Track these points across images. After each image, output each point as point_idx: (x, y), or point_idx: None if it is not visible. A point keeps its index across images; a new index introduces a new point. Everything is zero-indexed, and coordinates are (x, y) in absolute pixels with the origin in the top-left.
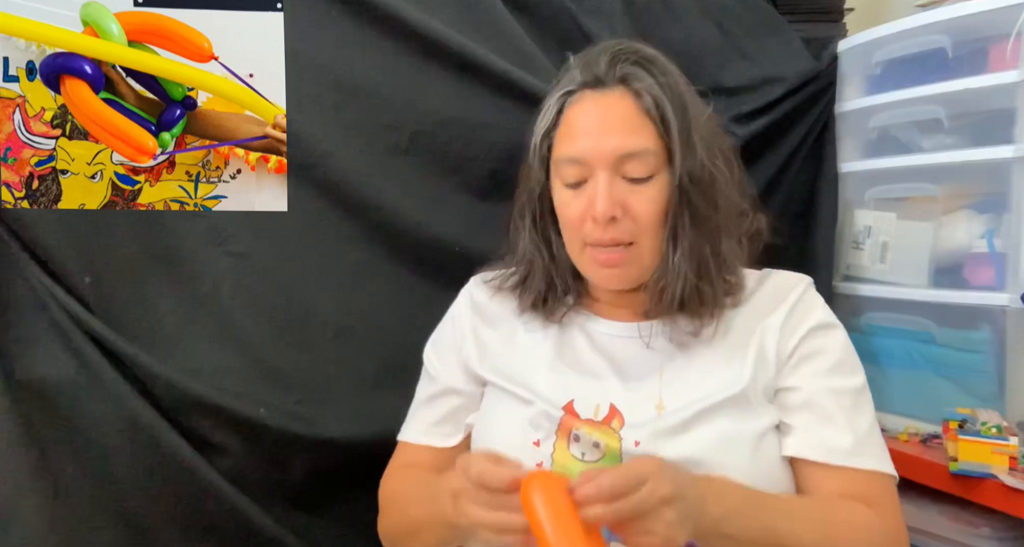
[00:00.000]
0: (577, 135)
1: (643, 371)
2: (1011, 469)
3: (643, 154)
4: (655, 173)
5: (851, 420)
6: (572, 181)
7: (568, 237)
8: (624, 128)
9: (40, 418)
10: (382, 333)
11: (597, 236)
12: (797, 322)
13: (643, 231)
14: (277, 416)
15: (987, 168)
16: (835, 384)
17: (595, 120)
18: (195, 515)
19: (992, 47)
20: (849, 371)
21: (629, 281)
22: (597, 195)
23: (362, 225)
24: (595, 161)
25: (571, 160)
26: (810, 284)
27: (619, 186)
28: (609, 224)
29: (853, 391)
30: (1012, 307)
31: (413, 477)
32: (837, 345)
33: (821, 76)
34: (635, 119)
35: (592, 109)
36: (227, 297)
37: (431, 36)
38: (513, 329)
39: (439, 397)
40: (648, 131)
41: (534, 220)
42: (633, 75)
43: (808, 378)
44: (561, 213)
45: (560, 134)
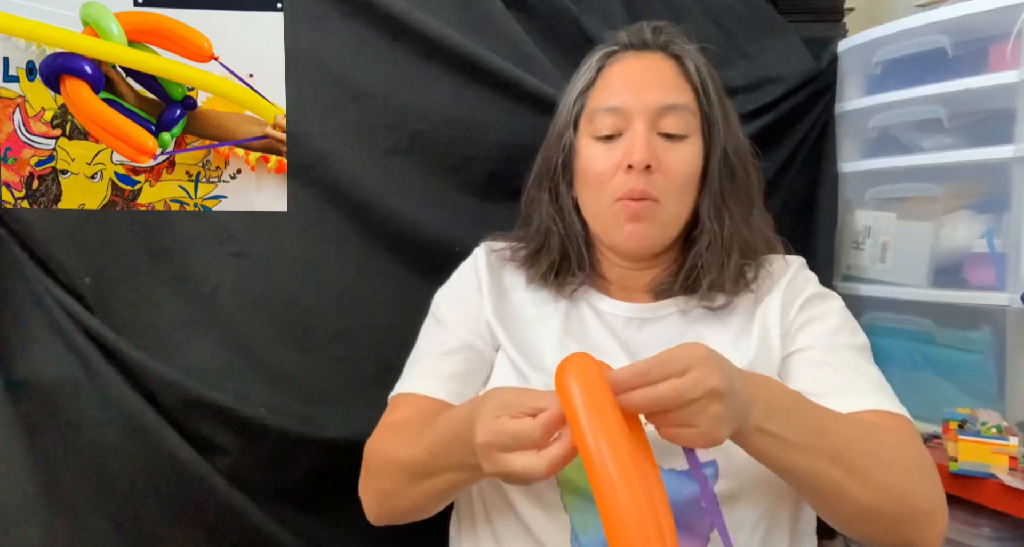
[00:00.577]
0: (617, 87)
1: (654, 350)
2: (1011, 469)
3: (682, 109)
4: (690, 133)
5: (862, 370)
6: (606, 133)
7: (595, 193)
8: (665, 84)
9: (40, 418)
10: (382, 333)
11: (630, 187)
12: (794, 296)
13: (672, 190)
14: (277, 416)
15: (987, 168)
16: (840, 341)
17: (637, 74)
18: (195, 515)
19: (992, 47)
20: (851, 332)
21: (650, 240)
22: (635, 143)
23: (362, 225)
24: (634, 110)
25: (609, 110)
26: (802, 263)
27: (655, 140)
28: (642, 174)
29: (858, 348)
30: (1012, 307)
31: (417, 426)
32: (835, 310)
33: (821, 76)
34: (677, 78)
35: (635, 65)
36: (227, 297)
37: (431, 36)
38: (522, 301)
39: (458, 352)
40: (688, 92)
41: (552, 190)
42: (676, 43)
43: (814, 338)
44: (588, 168)
45: (598, 88)
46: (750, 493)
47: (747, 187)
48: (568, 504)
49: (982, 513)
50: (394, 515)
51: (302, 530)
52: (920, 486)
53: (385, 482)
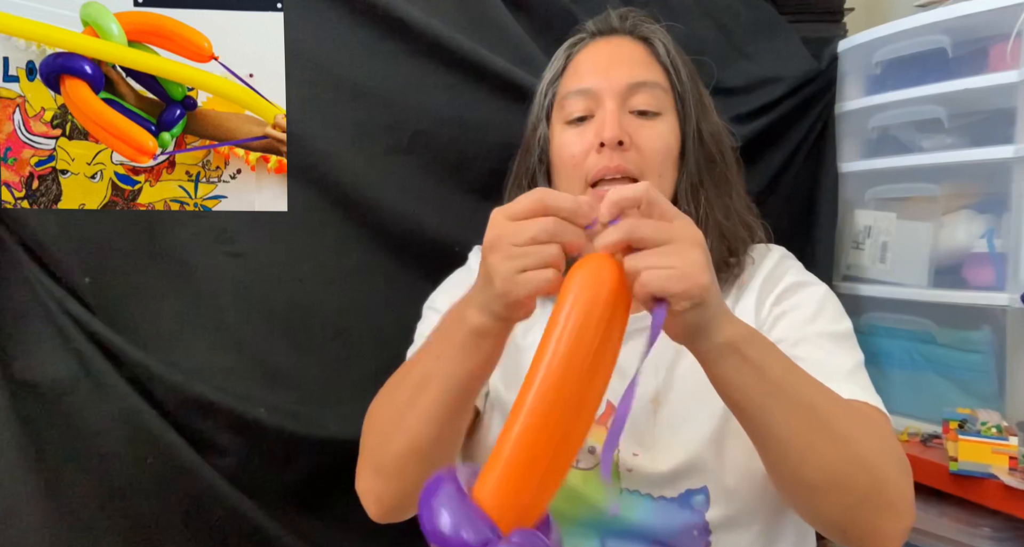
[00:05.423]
0: (585, 70)
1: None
2: (1011, 469)
3: (652, 86)
4: (664, 111)
5: (834, 358)
6: (577, 115)
7: (568, 179)
8: (634, 62)
9: (40, 418)
10: (382, 333)
11: (603, 165)
12: (771, 288)
13: (649, 168)
14: (277, 416)
15: (987, 168)
16: (813, 329)
17: (605, 56)
18: (195, 515)
19: (992, 47)
20: (830, 319)
21: None
22: (605, 120)
23: (362, 225)
24: (603, 90)
25: (578, 92)
26: (784, 254)
27: (627, 118)
28: (615, 151)
29: (837, 335)
30: (1012, 307)
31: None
32: (812, 297)
33: (821, 76)
34: (646, 58)
35: (602, 48)
36: (227, 297)
37: (431, 36)
38: None
39: None
40: (658, 71)
41: (530, 186)
42: (644, 26)
43: (786, 330)
44: (561, 154)
45: (567, 75)
46: (742, 518)
47: (724, 171)
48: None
49: (982, 513)
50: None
51: (302, 530)
52: (893, 472)
53: (380, 423)
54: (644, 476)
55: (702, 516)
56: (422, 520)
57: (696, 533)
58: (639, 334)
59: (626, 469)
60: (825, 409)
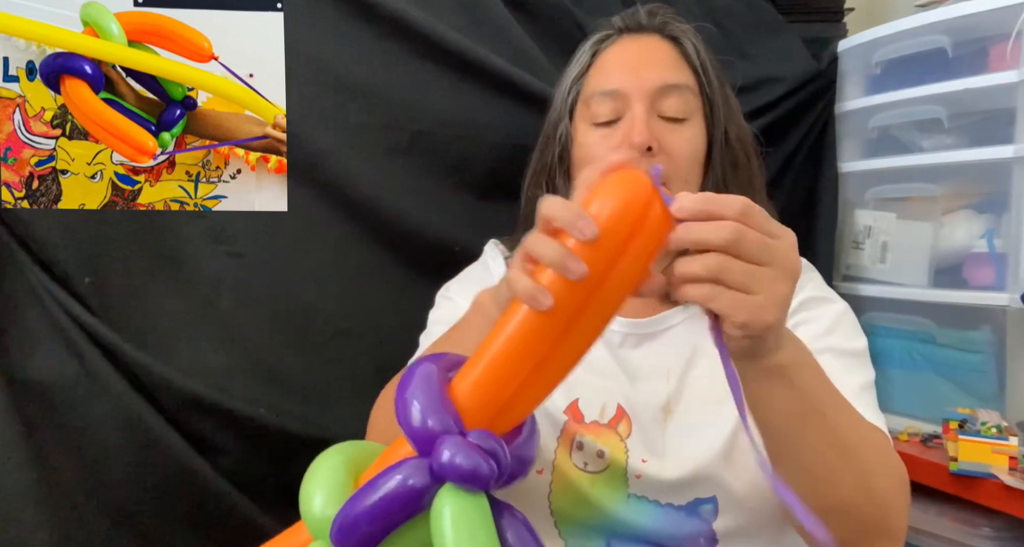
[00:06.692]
0: (613, 70)
1: (651, 370)
2: (1011, 469)
3: (683, 89)
4: (692, 116)
5: (841, 376)
6: (604, 118)
7: None
8: (664, 64)
9: (40, 418)
10: (382, 333)
11: None
12: None
13: (676, 174)
14: (277, 416)
15: (987, 168)
16: (824, 344)
17: (633, 56)
18: (195, 515)
19: (992, 47)
20: (844, 336)
21: None
22: (634, 124)
23: (362, 225)
24: (632, 92)
25: (605, 93)
26: (806, 266)
27: (655, 122)
28: (644, 157)
29: (849, 352)
30: (1012, 307)
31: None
32: (828, 313)
33: (821, 76)
34: (675, 59)
35: (631, 47)
36: (227, 297)
37: (431, 36)
38: None
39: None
40: (688, 73)
41: (549, 185)
42: (674, 25)
43: None
44: (585, 156)
45: (593, 73)
46: (749, 529)
47: (750, 175)
48: (563, 530)
49: (982, 513)
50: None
51: None
52: (899, 504)
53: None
54: (652, 483)
55: (709, 525)
56: (397, 395)
57: (703, 541)
58: (652, 338)
59: (634, 475)
60: (854, 441)
